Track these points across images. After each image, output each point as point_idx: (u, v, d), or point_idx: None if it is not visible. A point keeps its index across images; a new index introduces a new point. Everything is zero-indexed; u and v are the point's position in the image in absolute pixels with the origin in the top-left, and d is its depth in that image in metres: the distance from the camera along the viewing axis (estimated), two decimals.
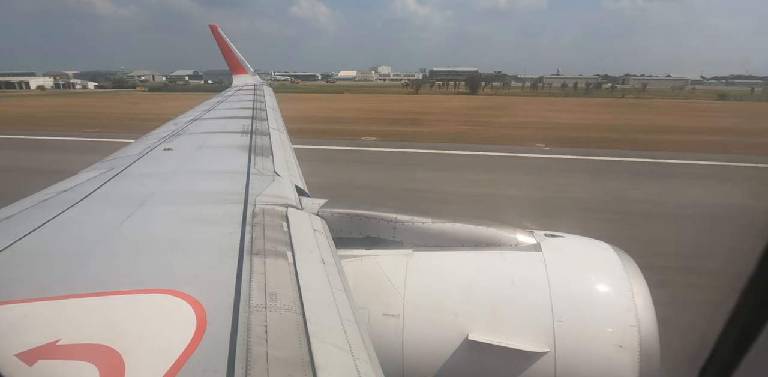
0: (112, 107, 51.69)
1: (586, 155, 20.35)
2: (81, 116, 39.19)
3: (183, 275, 1.73)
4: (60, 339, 1.34)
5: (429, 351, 2.18)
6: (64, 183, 2.97)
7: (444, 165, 18.70)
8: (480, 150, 21.43)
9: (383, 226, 2.63)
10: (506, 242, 2.55)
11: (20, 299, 1.53)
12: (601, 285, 2.29)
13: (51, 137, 25.69)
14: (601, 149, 21.74)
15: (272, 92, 11.56)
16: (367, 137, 25.41)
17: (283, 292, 1.63)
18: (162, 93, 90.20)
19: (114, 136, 24.46)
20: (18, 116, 39.17)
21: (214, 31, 14.48)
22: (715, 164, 18.40)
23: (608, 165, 18.69)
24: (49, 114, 41.45)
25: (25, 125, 32.02)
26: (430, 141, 24.44)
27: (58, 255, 1.90)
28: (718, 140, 24.83)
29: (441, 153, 20.88)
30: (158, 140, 4.48)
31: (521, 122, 35.16)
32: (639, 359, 2.07)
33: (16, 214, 2.34)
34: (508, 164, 18.97)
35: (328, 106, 52.17)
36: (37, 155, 20.74)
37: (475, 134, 27.61)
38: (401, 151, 21.59)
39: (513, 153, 20.74)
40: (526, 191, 14.32)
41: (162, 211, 2.46)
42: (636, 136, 26.26)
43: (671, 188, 14.71)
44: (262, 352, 1.31)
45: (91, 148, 21.30)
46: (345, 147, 22.39)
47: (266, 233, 2.11)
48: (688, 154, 20.32)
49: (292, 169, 3.77)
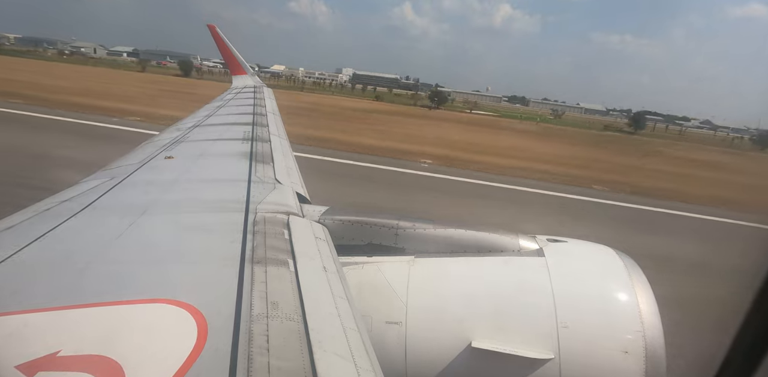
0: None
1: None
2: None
3: (184, 285, 1.73)
4: (60, 350, 1.33)
5: (432, 359, 2.17)
6: (65, 193, 2.97)
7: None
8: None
9: (385, 233, 2.62)
10: (509, 248, 2.54)
11: (20, 310, 1.52)
12: (605, 291, 2.28)
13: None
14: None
15: (272, 94, 11.54)
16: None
17: (285, 301, 1.62)
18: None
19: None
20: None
21: (212, 31, 14.39)
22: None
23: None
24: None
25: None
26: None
27: (59, 265, 1.90)
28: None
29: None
30: (159, 148, 4.48)
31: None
32: (645, 365, 2.05)
33: (18, 224, 2.33)
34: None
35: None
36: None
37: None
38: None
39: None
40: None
41: (163, 220, 2.46)
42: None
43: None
44: (263, 362, 1.30)
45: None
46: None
47: (267, 241, 2.11)
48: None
49: (293, 176, 3.77)
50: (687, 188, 21.15)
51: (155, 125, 18.80)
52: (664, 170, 28.20)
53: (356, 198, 13.08)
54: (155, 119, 22.94)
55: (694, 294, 7.95)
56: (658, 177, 24.60)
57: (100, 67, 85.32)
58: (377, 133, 29.74)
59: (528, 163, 23.93)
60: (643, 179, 22.81)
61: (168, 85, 57.49)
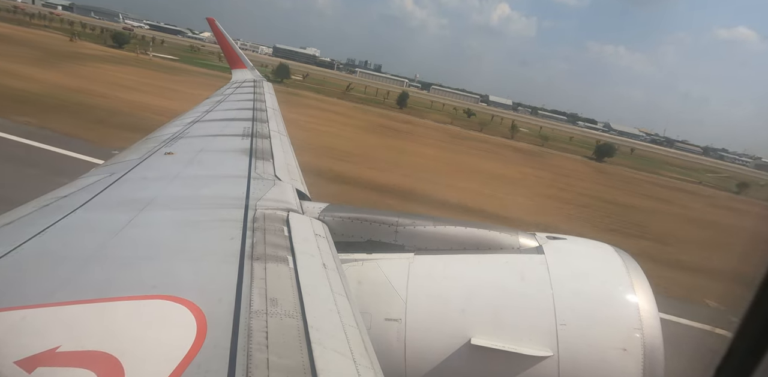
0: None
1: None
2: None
3: (183, 281, 1.73)
4: (59, 345, 1.33)
5: (431, 356, 2.17)
6: (64, 188, 2.96)
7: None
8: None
9: (385, 230, 2.62)
10: (508, 245, 2.54)
11: (20, 305, 1.53)
12: (604, 288, 2.28)
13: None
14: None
15: (272, 89, 11.49)
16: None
17: (284, 297, 1.62)
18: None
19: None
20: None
21: (211, 24, 14.32)
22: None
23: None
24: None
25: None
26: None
27: (59, 261, 1.90)
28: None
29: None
30: (159, 143, 4.48)
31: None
32: (643, 362, 2.05)
33: (17, 220, 2.33)
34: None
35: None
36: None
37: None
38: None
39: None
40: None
41: (163, 216, 2.46)
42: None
43: None
44: (262, 359, 1.30)
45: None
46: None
47: (267, 238, 2.11)
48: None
49: (293, 172, 3.76)
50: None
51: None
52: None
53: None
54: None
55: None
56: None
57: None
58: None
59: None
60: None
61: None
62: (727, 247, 16.21)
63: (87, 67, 35.83)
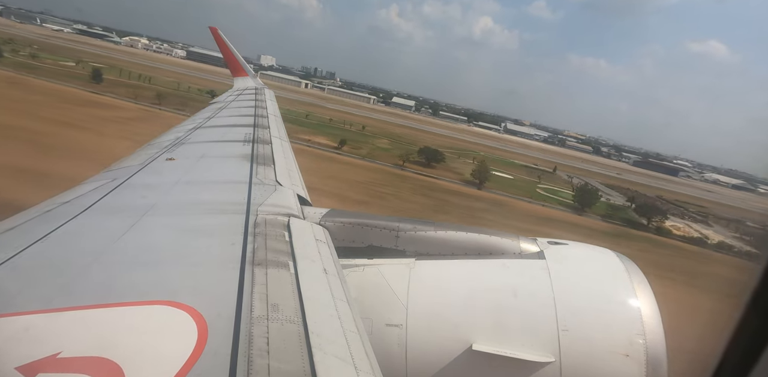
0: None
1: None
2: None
3: (184, 287, 1.73)
4: (60, 351, 1.33)
5: (433, 362, 2.16)
6: (67, 194, 2.97)
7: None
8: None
9: (385, 235, 2.62)
10: (509, 251, 2.54)
11: (22, 311, 1.53)
12: (605, 294, 2.27)
13: None
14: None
15: (273, 96, 11.52)
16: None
17: (285, 303, 1.62)
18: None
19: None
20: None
21: (214, 33, 14.43)
22: None
23: None
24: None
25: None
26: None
27: (60, 267, 1.90)
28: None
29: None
30: (160, 149, 4.49)
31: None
32: (646, 368, 2.04)
33: (19, 225, 2.34)
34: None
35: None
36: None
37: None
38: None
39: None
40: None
41: (164, 222, 2.46)
42: None
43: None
44: (263, 364, 1.30)
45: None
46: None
47: (268, 243, 2.11)
48: None
49: (294, 178, 3.76)
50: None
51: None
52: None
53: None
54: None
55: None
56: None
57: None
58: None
59: None
60: None
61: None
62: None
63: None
